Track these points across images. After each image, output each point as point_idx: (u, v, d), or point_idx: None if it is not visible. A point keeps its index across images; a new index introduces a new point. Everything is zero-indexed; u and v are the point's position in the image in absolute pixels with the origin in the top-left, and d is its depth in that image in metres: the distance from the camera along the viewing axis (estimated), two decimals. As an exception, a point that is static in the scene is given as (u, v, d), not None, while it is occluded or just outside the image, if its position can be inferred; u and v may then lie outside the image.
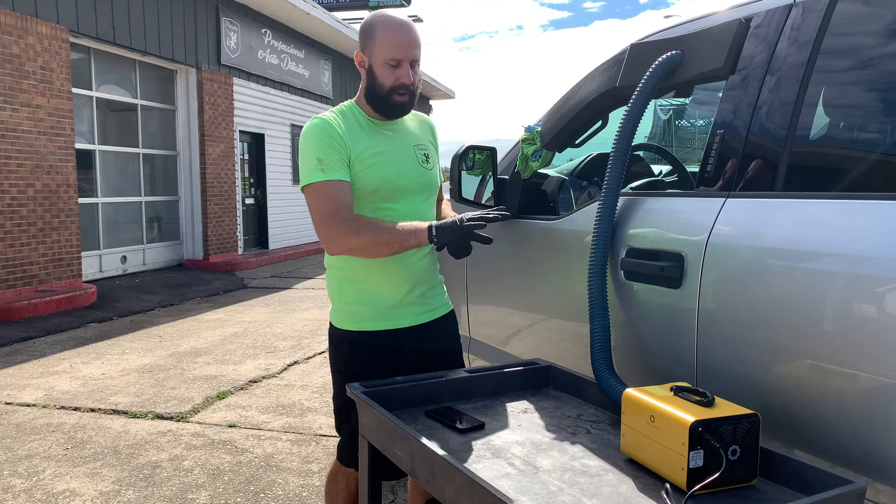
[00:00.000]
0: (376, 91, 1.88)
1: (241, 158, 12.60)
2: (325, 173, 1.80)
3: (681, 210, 1.80)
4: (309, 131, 1.86)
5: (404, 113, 1.94)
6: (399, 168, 1.92)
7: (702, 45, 1.81)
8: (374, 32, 1.87)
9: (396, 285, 1.94)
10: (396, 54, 1.84)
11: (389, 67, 1.85)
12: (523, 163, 2.40)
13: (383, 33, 1.85)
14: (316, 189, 1.81)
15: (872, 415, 1.29)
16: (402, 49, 1.84)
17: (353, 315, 1.95)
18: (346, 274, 1.95)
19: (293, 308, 7.86)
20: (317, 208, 1.81)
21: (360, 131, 1.89)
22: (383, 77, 1.86)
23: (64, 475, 3.30)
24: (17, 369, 5.23)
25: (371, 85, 1.89)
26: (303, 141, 1.87)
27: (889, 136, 1.48)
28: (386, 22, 1.87)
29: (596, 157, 2.74)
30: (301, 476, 3.25)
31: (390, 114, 1.93)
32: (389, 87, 1.86)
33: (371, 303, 1.93)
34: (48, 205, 8.05)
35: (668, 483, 1.24)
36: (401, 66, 1.85)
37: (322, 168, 1.81)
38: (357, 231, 1.77)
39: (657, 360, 1.76)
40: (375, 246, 1.78)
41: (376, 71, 1.87)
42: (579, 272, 1.92)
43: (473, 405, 1.70)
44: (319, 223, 1.81)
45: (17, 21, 7.62)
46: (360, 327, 1.94)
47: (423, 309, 1.99)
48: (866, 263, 1.32)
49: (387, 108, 1.91)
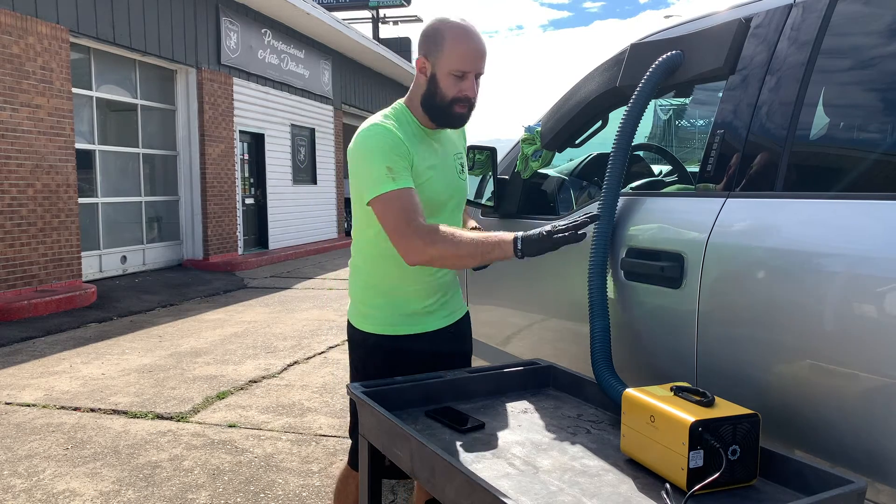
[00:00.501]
0: (437, 101, 1.81)
1: (241, 158, 12.60)
2: (396, 182, 1.71)
3: (681, 210, 1.80)
4: (371, 138, 1.77)
5: (461, 125, 1.88)
6: (444, 182, 1.89)
7: (702, 45, 1.81)
8: (441, 40, 1.78)
9: (424, 296, 1.93)
10: (464, 65, 1.76)
11: (454, 78, 1.77)
12: (523, 163, 2.40)
13: (453, 41, 1.76)
14: (389, 199, 1.71)
15: (872, 415, 1.29)
16: (471, 60, 1.77)
17: (378, 319, 1.93)
18: (374, 281, 1.94)
19: (293, 308, 7.86)
20: (391, 219, 1.72)
21: (415, 141, 1.82)
22: (446, 87, 1.78)
23: (64, 475, 3.30)
24: (17, 369, 5.23)
25: (431, 94, 1.81)
26: (363, 148, 1.77)
27: (889, 136, 1.48)
28: (455, 29, 1.78)
29: (596, 157, 2.74)
30: (301, 476, 3.26)
31: (448, 125, 1.87)
32: (451, 98, 1.79)
33: (397, 309, 1.93)
34: (48, 205, 8.05)
35: (668, 483, 1.24)
36: (466, 78, 1.78)
37: (393, 177, 1.71)
38: (436, 241, 1.68)
39: (657, 360, 1.76)
40: (457, 258, 1.70)
41: (440, 80, 1.78)
42: (579, 272, 1.92)
43: (473, 405, 1.70)
44: (396, 234, 1.72)
45: (17, 21, 7.62)
46: (385, 331, 1.93)
47: (444, 313, 2.00)
48: (866, 263, 1.32)
49: (445, 119, 1.84)
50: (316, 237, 15.35)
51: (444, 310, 1.99)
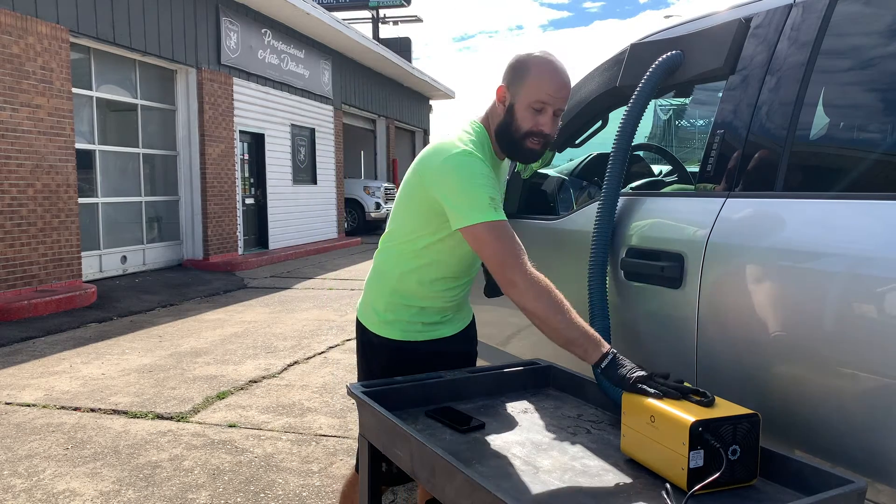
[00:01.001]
0: (511, 132, 1.77)
1: (241, 158, 12.59)
2: (498, 213, 1.68)
3: (681, 210, 1.80)
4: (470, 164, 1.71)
5: (531, 161, 1.85)
6: None
7: (702, 45, 1.81)
8: (526, 72, 1.75)
9: (445, 309, 1.97)
10: (544, 98, 1.72)
11: (533, 111, 1.74)
12: (523, 163, 2.40)
13: (538, 74, 1.73)
14: (494, 227, 1.67)
15: (872, 415, 1.29)
16: (552, 94, 1.73)
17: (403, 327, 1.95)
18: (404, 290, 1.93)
19: (293, 308, 7.86)
20: (497, 249, 1.67)
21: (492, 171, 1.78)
22: (523, 119, 1.75)
23: (64, 475, 3.30)
24: (17, 369, 5.23)
25: (507, 124, 1.78)
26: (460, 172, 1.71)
27: (889, 136, 1.48)
28: (542, 62, 1.74)
29: (596, 157, 2.74)
30: (301, 476, 3.26)
31: (517, 158, 1.84)
32: (526, 131, 1.75)
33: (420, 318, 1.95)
34: (48, 205, 8.05)
35: (668, 483, 1.24)
36: (545, 112, 1.74)
37: (495, 207, 1.68)
38: (540, 298, 1.61)
39: (657, 360, 1.76)
40: (542, 323, 1.62)
41: (517, 111, 1.75)
42: (579, 272, 1.92)
43: (473, 405, 1.70)
44: (499, 265, 1.66)
45: (17, 21, 7.62)
46: (411, 338, 1.95)
47: (458, 318, 2.04)
48: (866, 263, 1.32)
49: (515, 152, 1.81)
50: (316, 237, 15.36)
51: (458, 316, 2.04)
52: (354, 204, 18.01)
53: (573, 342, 1.56)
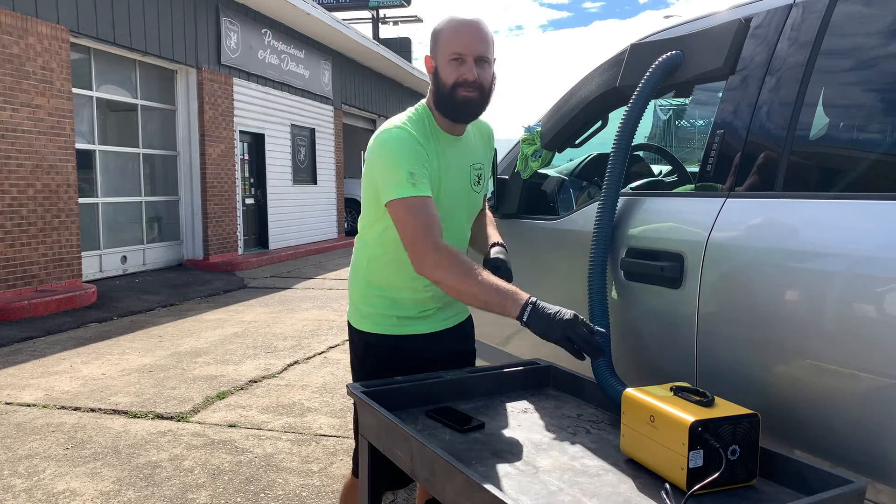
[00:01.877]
0: (442, 91, 1.79)
1: (241, 158, 12.59)
2: (417, 189, 1.71)
3: (681, 210, 1.80)
4: (394, 141, 1.76)
5: (474, 114, 1.84)
6: (457, 194, 1.88)
7: (702, 45, 1.81)
8: (439, 33, 1.81)
9: (421, 302, 1.93)
10: (458, 48, 1.76)
11: (453, 63, 1.77)
12: (523, 163, 2.40)
13: (448, 31, 1.79)
14: (408, 205, 1.71)
15: (872, 415, 1.29)
16: (465, 43, 1.76)
17: (376, 319, 1.93)
18: (376, 280, 1.93)
19: (293, 308, 7.86)
20: (409, 226, 1.71)
21: (433, 146, 1.82)
22: (446, 75, 1.78)
23: (64, 475, 3.30)
24: (17, 369, 5.23)
25: (437, 86, 1.81)
26: (385, 149, 1.76)
27: (889, 136, 1.48)
28: (451, 21, 1.81)
29: (596, 157, 2.74)
30: (301, 476, 3.26)
31: (459, 114, 1.83)
32: (452, 83, 1.77)
33: (395, 311, 1.92)
34: (48, 205, 8.05)
35: (668, 483, 1.24)
36: (464, 62, 1.76)
37: (413, 183, 1.71)
38: (444, 267, 1.66)
39: (657, 360, 1.76)
40: (457, 293, 1.68)
41: (440, 70, 1.79)
42: (579, 272, 1.92)
43: (473, 405, 1.70)
44: (410, 242, 1.71)
45: (17, 21, 7.62)
46: (383, 331, 1.93)
47: (443, 316, 1.99)
48: (866, 263, 1.32)
49: (453, 108, 1.80)
50: (316, 237, 15.35)
51: (442, 313, 1.98)
52: (355, 204, 18.00)
53: (490, 303, 1.62)
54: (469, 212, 1.97)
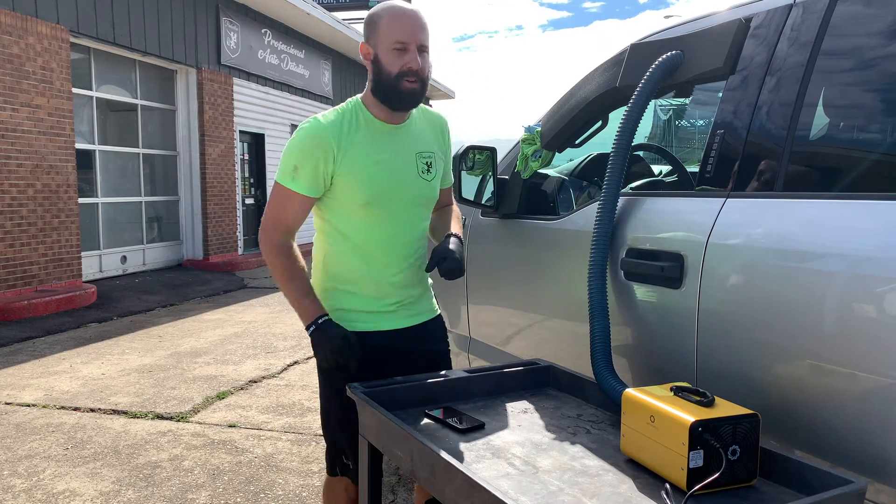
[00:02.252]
0: (384, 80, 1.78)
1: (241, 158, 12.59)
2: (294, 182, 1.80)
3: (681, 210, 1.80)
4: (301, 132, 1.81)
5: (415, 103, 1.84)
6: (396, 180, 1.84)
7: (702, 45, 1.81)
8: (378, 20, 1.79)
9: (380, 296, 1.90)
10: (401, 37, 1.75)
11: (396, 53, 1.76)
12: (523, 163, 2.40)
13: (389, 19, 1.77)
14: (279, 191, 1.84)
15: (872, 415, 1.29)
16: (407, 32, 1.75)
17: (337, 315, 1.89)
18: (331, 282, 1.92)
19: (293, 308, 7.85)
20: (270, 210, 1.87)
21: (360, 135, 1.81)
22: (390, 63, 1.76)
23: (64, 475, 3.30)
24: (17, 369, 5.23)
25: (377, 75, 1.79)
26: (295, 137, 1.83)
27: (889, 136, 1.48)
28: (390, 8, 1.79)
29: (596, 157, 2.74)
30: (301, 476, 3.26)
31: (401, 104, 1.82)
32: (397, 73, 1.76)
33: (357, 306, 1.90)
34: (48, 205, 8.05)
35: (668, 483, 1.24)
36: (408, 51, 1.76)
37: (294, 177, 1.80)
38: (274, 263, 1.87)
39: (657, 360, 1.76)
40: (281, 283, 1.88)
41: (382, 58, 1.77)
42: (579, 272, 1.92)
43: (473, 405, 1.70)
44: (262, 224, 1.88)
45: (17, 21, 7.62)
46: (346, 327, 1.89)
47: (408, 313, 1.95)
48: (866, 263, 1.32)
49: (397, 97, 1.80)
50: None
51: (406, 310, 1.95)
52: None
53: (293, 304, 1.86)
54: (418, 200, 1.91)
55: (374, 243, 1.87)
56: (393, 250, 1.89)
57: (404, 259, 1.91)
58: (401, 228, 1.88)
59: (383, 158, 1.83)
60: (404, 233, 1.89)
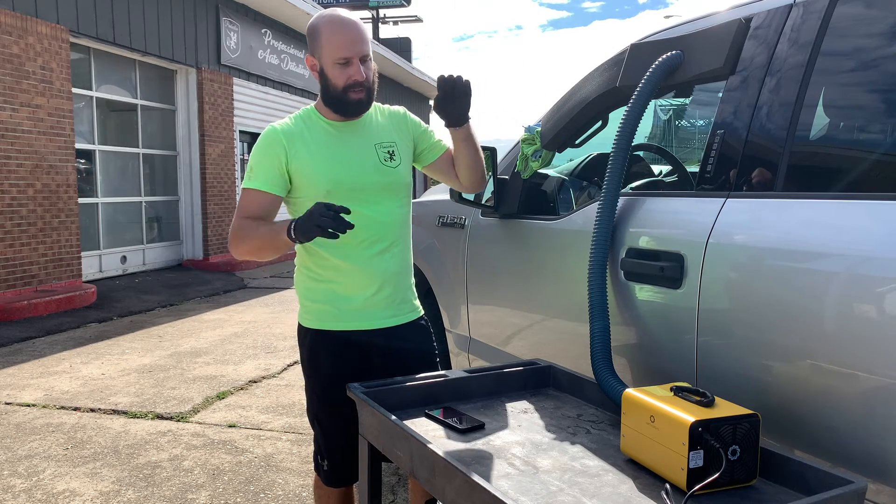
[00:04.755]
0: (332, 92, 1.86)
1: (241, 158, 12.59)
2: (250, 181, 1.88)
3: (681, 210, 1.80)
4: (261, 139, 1.91)
5: (362, 110, 1.90)
6: (355, 168, 1.89)
7: (702, 45, 1.81)
8: (319, 34, 1.84)
9: (362, 286, 1.92)
10: (344, 52, 1.82)
11: (339, 67, 1.83)
12: (523, 163, 2.40)
13: (328, 33, 1.83)
14: (242, 195, 1.92)
15: (872, 415, 1.29)
16: (348, 46, 1.82)
17: (319, 314, 1.94)
18: (313, 273, 1.95)
19: (293, 308, 7.86)
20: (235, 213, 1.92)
21: (311, 135, 1.90)
22: (335, 77, 1.84)
23: (64, 475, 3.30)
24: (17, 369, 5.23)
25: (325, 87, 1.88)
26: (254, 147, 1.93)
27: (889, 136, 1.48)
28: (329, 22, 1.84)
29: (596, 157, 2.74)
30: (301, 476, 3.26)
31: (349, 113, 1.90)
32: (343, 86, 1.84)
33: (336, 303, 1.92)
34: (48, 205, 8.05)
35: (668, 483, 1.24)
36: (351, 64, 1.83)
37: (250, 176, 1.89)
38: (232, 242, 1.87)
39: (657, 360, 1.76)
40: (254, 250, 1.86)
41: (328, 72, 1.85)
42: (579, 272, 1.92)
43: (473, 405, 1.70)
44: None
45: (17, 21, 7.62)
46: (325, 326, 1.94)
47: (389, 312, 1.96)
48: (866, 263, 1.32)
49: (344, 107, 1.88)
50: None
51: (388, 308, 1.96)
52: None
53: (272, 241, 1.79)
54: (386, 185, 1.94)
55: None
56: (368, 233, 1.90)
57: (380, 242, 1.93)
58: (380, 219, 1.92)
59: (338, 150, 1.91)
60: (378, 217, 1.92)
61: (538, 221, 2.32)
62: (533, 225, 2.34)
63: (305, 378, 2.02)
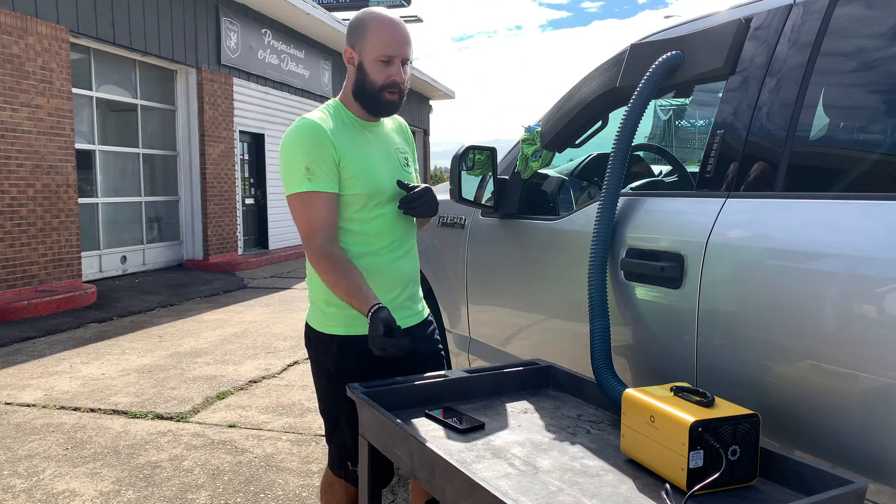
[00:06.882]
0: (367, 88, 1.85)
1: (241, 158, 12.60)
2: (313, 184, 1.78)
3: (681, 210, 1.80)
4: (297, 133, 1.81)
5: (392, 112, 1.91)
6: (386, 172, 1.90)
7: (702, 45, 1.81)
8: (366, 28, 1.83)
9: (388, 288, 1.90)
10: (389, 51, 1.81)
11: (381, 64, 1.82)
12: (523, 163, 2.40)
13: (376, 30, 1.82)
14: (301, 200, 1.80)
15: (872, 415, 1.29)
16: (395, 46, 1.82)
17: (348, 319, 1.88)
18: None
19: (293, 308, 7.86)
20: (301, 221, 1.81)
21: (347, 133, 1.86)
22: (374, 74, 1.83)
23: (64, 475, 3.30)
24: (17, 369, 5.23)
25: (361, 82, 1.85)
26: (288, 142, 1.83)
27: (889, 136, 1.48)
28: (379, 18, 1.83)
29: (596, 157, 2.74)
30: (301, 476, 3.26)
31: (379, 112, 1.90)
32: (381, 85, 1.83)
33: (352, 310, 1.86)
34: (48, 205, 8.05)
35: (668, 483, 1.24)
36: (392, 64, 1.82)
37: (310, 178, 1.78)
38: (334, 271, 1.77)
39: (657, 360, 1.76)
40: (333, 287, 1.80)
41: (367, 68, 1.83)
42: (579, 272, 1.92)
43: (473, 405, 1.70)
44: (304, 237, 1.82)
45: (17, 21, 7.62)
46: (355, 332, 1.87)
47: (409, 312, 1.98)
48: (866, 263, 1.32)
49: (377, 106, 1.88)
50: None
51: (408, 309, 1.98)
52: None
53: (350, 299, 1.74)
54: None
55: (377, 233, 1.90)
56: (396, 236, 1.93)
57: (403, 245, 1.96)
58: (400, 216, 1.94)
59: (371, 152, 1.90)
60: (403, 220, 1.96)
61: (538, 221, 2.32)
62: (533, 225, 2.34)
63: (328, 385, 1.94)
